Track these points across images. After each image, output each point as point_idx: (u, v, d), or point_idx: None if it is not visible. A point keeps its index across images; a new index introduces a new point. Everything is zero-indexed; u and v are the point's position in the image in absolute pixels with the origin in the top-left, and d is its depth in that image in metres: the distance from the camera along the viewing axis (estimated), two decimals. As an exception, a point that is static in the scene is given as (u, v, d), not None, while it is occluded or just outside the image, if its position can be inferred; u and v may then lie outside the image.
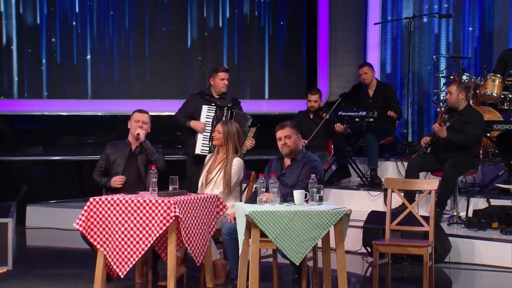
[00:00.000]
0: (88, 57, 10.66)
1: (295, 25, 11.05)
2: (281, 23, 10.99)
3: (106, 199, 6.05)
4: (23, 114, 10.62)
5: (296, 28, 11.05)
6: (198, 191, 6.52)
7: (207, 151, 7.30)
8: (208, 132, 7.35)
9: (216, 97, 7.57)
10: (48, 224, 9.37)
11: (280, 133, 6.08)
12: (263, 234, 5.44)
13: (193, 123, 7.42)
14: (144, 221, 5.91)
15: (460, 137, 7.64)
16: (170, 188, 6.15)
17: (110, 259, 6.00)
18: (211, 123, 7.33)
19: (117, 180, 6.68)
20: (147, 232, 5.90)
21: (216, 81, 7.60)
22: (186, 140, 7.76)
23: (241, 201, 6.45)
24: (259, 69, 11.03)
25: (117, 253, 5.97)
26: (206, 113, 7.37)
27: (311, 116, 9.03)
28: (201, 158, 7.08)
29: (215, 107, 7.40)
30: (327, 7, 10.92)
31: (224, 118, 7.25)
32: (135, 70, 10.80)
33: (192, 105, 7.56)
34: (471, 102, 8.67)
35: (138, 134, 6.70)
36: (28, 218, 9.56)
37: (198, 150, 7.38)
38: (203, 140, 7.39)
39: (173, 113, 7.77)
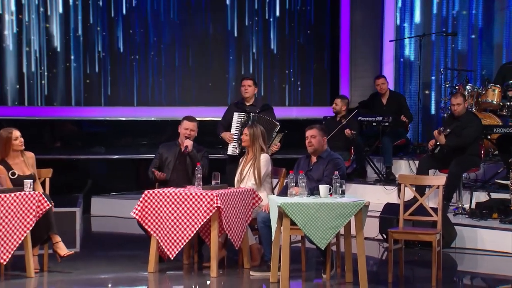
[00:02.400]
0: (144, 72, 10.76)
1: (320, 43, 11.04)
2: (308, 42, 11.00)
3: (159, 191, 6.07)
4: (89, 119, 10.73)
5: (321, 46, 11.04)
6: (234, 187, 6.50)
7: (236, 152, 7.29)
8: (236, 135, 7.33)
9: (247, 104, 7.53)
10: (109, 213, 9.42)
11: (307, 133, 6.07)
12: (293, 223, 5.42)
13: (223, 135, 7.42)
14: (190, 211, 5.92)
15: (456, 140, 7.57)
16: (213, 182, 6.15)
17: (162, 243, 6.02)
18: (240, 127, 7.32)
19: (160, 176, 6.63)
20: (193, 220, 5.91)
21: (241, 89, 7.59)
22: (226, 142, 7.76)
23: (273, 194, 6.43)
24: (290, 80, 11.03)
25: (168, 238, 5.99)
26: (236, 119, 7.38)
27: (337, 119, 9.03)
28: (237, 158, 7.09)
29: (244, 113, 7.38)
30: (348, 27, 10.88)
31: (250, 122, 7.23)
32: (183, 81, 10.86)
33: (229, 113, 7.56)
34: (474, 109, 8.61)
35: (187, 146, 6.65)
36: (93, 208, 9.63)
37: (229, 151, 7.39)
38: (233, 143, 7.39)
39: (215, 118, 7.77)
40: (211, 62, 10.86)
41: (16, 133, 6.11)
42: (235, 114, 7.39)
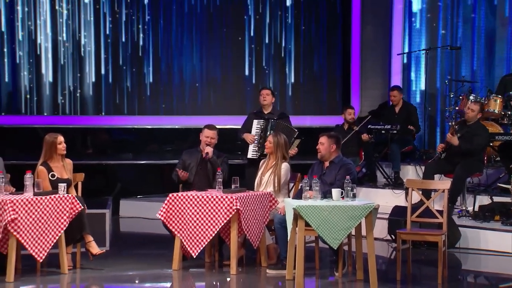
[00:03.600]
0: (168, 84, 10.83)
1: (332, 57, 11.04)
2: (321, 56, 11.01)
3: (182, 195, 6.10)
4: (118, 127, 10.79)
5: (334, 60, 11.05)
6: (254, 190, 6.50)
7: (256, 156, 7.30)
8: (256, 140, 7.34)
9: (266, 112, 7.55)
10: (136, 214, 9.45)
11: (319, 140, 6.08)
12: (307, 224, 5.42)
13: (245, 135, 7.43)
14: (212, 213, 5.93)
15: (469, 146, 7.53)
16: (233, 186, 6.16)
17: (185, 243, 6.04)
18: (259, 133, 7.34)
19: (183, 174, 6.64)
20: (214, 221, 5.92)
21: (259, 98, 7.62)
22: (245, 148, 7.76)
23: (289, 197, 6.42)
24: (304, 91, 11.05)
25: (191, 238, 6.00)
26: (256, 125, 7.40)
27: (345, 127, 9.06)
28: (256, 162, 7.08)
29: (262, 120, 7.40)
30: (358, 41, 10.87)
31: (269, 127, 7.24)
32: (203, 93, 10.91)
33: (248, 121, 7.58)
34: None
35: (207, 153, 6.67)
36: (121, 209, 9.66)
37: (249, 155, 7.40)
38: (253, 147, 7.39)
39: (234, 126, 7.79)
40: (232, 73, 10.91)
41: (61, 138, 6.22)
42: (255, 121, 7.42)
